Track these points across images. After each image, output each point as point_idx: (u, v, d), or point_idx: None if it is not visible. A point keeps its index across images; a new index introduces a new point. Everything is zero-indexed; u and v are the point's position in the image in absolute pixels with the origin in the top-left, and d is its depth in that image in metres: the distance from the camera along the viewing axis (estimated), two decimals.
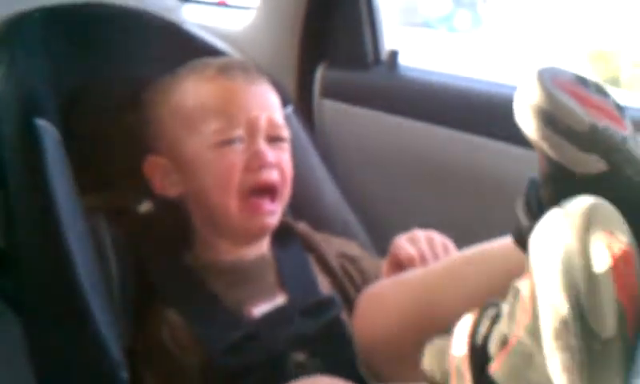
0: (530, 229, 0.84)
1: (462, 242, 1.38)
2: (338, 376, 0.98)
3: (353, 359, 1.05)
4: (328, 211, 1.31)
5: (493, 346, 0.67)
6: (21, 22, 1.07)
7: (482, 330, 0.69)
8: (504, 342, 0.66)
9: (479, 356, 0.68)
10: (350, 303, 1.13)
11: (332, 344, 1.06)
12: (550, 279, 0.60)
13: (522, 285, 0.65)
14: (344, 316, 1.10)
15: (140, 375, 0.99)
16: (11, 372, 1.01)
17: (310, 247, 1.18)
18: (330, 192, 1.34)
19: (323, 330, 1.06)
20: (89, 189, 1.06)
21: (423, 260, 1.08)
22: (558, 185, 0.80)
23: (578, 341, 0.59)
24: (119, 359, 0.95)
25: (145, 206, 1.13)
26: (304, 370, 0.99)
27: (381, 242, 1.28)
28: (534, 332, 0.62)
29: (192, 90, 1.09)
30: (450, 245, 1.12)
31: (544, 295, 0.61)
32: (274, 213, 1.08)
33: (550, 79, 0.77)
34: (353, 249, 1.23)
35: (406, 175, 1.43)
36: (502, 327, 0.67)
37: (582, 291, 0.59)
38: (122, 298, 1.04)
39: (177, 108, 1.09)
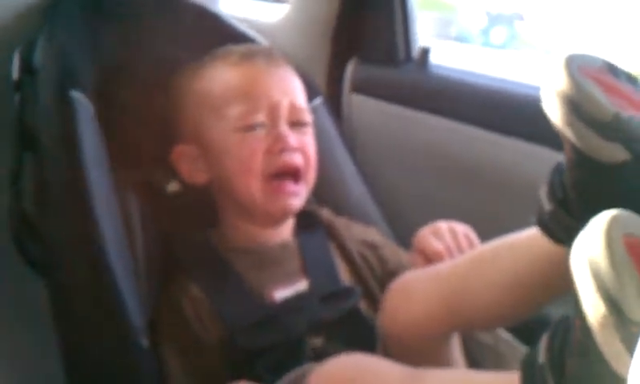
0: (553, 214, 0.85)
1: (483, 238, 1.39)
2: None
3: (370, 346, 1.06)
4: (352, 203, 1.31)
5: (567, 354, 0.70)
6: None
7: (558, 339, 0.72)
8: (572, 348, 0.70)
9: (558, 364, 0.70)
10: (368, 291, 1.15)
11: (350, 331, 1.07)
12: (586, 286, 0.65)
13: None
14: (362, 305, 1.12)
15: (160, 346, 1.01)
16: (36, 336, 1.03)
17: (332, 235, 1.19)
18: (354, 185, 1.35)
19: (341, 318, 1.07)
20: (119, 164, 1.08)
21: (449, 254, 1.09)
22: (581, 171, 0.80)
23: (619, 331, 0.63)
24: (140, 326, 0.97)
25: (173, 186, 1.15)
26: (321, 355, 1.00)
27: (404, 238, 1.29)
28: (587, 331, 0.66)
29: (216, 77, 1.11)
30: (472, 235, 1.12)
31: (585, 300, 0.65)
32: (297, 194, 1.09)
33: (577, 66, 0.77)
34: (373, 235, 1.24)
35: (432, 173, 1.44)
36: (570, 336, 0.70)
37: (611, 288, 0.63)
38: (147, 269, 1.07)
39: (201, 95, 1.10)
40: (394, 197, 1.43)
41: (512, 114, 1.35)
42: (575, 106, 0.75)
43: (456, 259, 1.06)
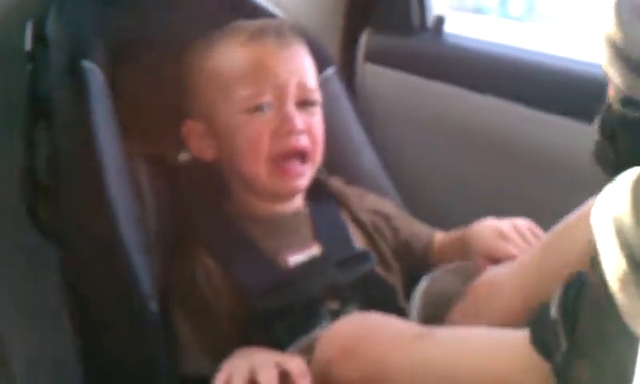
0: (604, 145, 0.86)
1: (496, 211, 1.39)
2: None
3: (388, 308, 1.06)
4: (364, 174, 1.31)
5: (580, 311, 0.69)
6: None
7: (572, 295, 0.71)
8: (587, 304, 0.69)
9: (570, 318, 0.70)
10: (382, 258, 1.15)
11: (367, 293, 1.08)
12: (609, 243, 0.64)
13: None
14: (378, 271, 1.12)
15: (171, 313, 1.02)
16: (47, 301, 1.04)
17: (343, 204, 1.19)
18: (367, 155, 1.35)
19: (358, 281, 1.08)
20: (131, 134, 1.09)
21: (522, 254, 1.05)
22: (623, 113, 0.81)
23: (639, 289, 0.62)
24: (150, 292, 0.98)
25: (184, 156, 1.16)
26: (338, 318, 1.00)
27: (417, 208, 1.29)
28: (604, 288, 0.65)
29: (225, 56, 1.10)
30: (536, 228, 1.11)
31: (606, 257, 0.64)
32: (302, 175, 1.10)
33: (629, 5, 0.77)
34: (386, 206, 1.24)
35: (446, 142, 1.43)
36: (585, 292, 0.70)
37: (635, 247, 0.62)
38: (157, 238, 1.08)
39: (210, 73, 1.10)
40: (408, 167, 1.43)
41: (526, 82, 1.35)
42: (621, 49, 0.76)
43: (528, 252, 1.03)
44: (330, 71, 1.32)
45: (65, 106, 1.01)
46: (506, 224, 1.12)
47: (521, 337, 0.74)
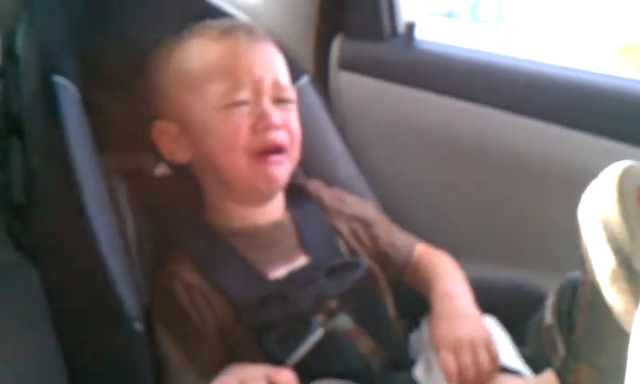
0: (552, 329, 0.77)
1: (470, 216, 1.40)
2: (365, 330, 1.03)
3: (377, 317, 1.07)
4: (342, 183, 1.30)
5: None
6: None
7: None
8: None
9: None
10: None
11: (357, 303, 1.07)
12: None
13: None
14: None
15: (155, 333, 1.00)
16: (29, 321, 1.03)
17: (322, 208, 1.18)
18: (344, 163, 1.35)
19: (349, 290, 1.07)
20: (105, 149, 1.07)
21: (465, 373, 0.96)
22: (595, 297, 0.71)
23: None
24: (134, 312, 0.96)
25: (160, 169, 1.14)
26: (329, 328, 1.02)
27: (393, 214, 1.29)
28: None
29: (195, 53, 1.09)
30: (494, 346, 0.99)
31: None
32: (281, 164, 1.08)
33: (633, 186, 0.66)
34: (367, 211, 1.23)
35: (420, 148, 1.44)
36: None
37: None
38: (138, 255, 1.06)
39: (181, 71, 1.09)
40: (383, 173, 1.43)
41: (498, 86, 1.36)
42: (625, 256, 0.65)
43: None
44: (304, 80, 1.32)
45: (37, 123, 0.99)
46: (466, 336, 0.98)
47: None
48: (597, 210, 0.64)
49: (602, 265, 0.63)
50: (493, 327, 1.05)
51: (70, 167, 0.97)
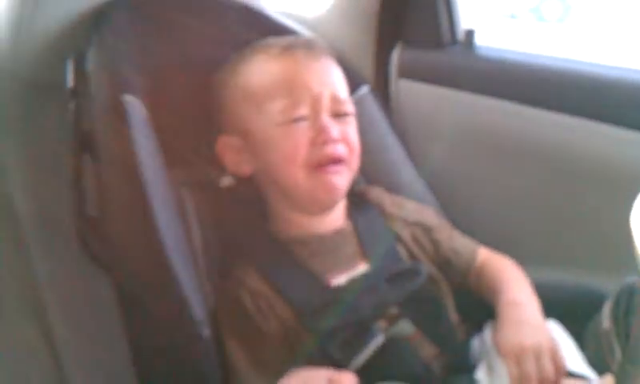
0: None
1: (532, 220, 1.39)
2: (427, 334, 1.05)
3: (438, 324, 1.08)
4: (404, 189, 1.32)
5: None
6: (110, 7, 1.13)
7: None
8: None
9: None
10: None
11: (418, 310, 1.08)
12: None
13: None
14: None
15: (223, 339, 1.04)
16: (105, 330, 1.07)
17: (383, 215, 1.20)
18: (405, 170, 1.36)
19: (409, 296, 1.08)
20: (173, 163, 1.11)
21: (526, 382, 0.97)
22: None
23: None
24: (202, 318, 1.00)
25: (226, 181, 1.18)
26: (390, 334, 1.03)
27: (456, 221, 1.30)
28: None
29: (257, 70, 1.12)
30: (559, 355, 0.99)
31: None
32: (340, 173, 1.10)
33: None
34: (428, 216, 1.24)
35: (483, 154, 1.44)
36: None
37: None
38: (205, 263, 1.10)
39: (243, 89, 1.12)
40: (444, 178, 1.44)
41: (561, 91, 1.35)
42: None
43: None
44: (364, 90, 1.34)
45: (108, 140, 1.03)
46: (530, 341, 1.00)
47: None
48: None
49: None
50: (557, 332, 1.05)
51: (139, 181, 1.00)
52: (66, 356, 1.06)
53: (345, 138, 1.11)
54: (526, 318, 1.06)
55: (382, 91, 1.49)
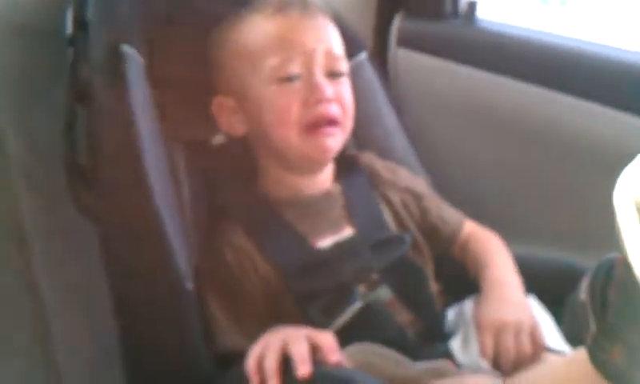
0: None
1: (530, 197, 1.39)
2: (404, 301, 1.05)
3: (420, 292, 1.09)
4: (396, 157, 1.32)
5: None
6: None
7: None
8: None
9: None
10: (412, 238, 1.16)
11: (398, 277, 1.09)
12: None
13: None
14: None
15: (203, 293, 1.04)
16: (87, 279, 1.07)
17: (374, 180, 1.21)
18: (398, 139, 1.36)
19: (391, 264, 1.10)
20: (166, 117, 1.11)
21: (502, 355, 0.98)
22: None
23: None
24: (186, 271, 1.01)
25: (218, 139, 1.19)
26: (369, 300, 1.04)
27: (446, 192, 1.30)
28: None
29: (251, 29, 1.12)
30: (539, 333, 1.00)
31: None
32: (333, 135, 1.10)
33: None
34: (419, 185, 1.25)
35: (477, 127, 1.45)
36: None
37: None
38: (193, 218, 1.10)
39: (238, 47, 1.12)
40: (437, 150, 1.45)
41: (559, 67, 1.35)
42: None
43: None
44: (362, 56, 1.34)
45: (105, 90, 1.02)
46: (511, 318, 1.01)
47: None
48: (631, 195, 0.65)
49: (635, 246, 0.64)
50: (535, 308, 1.07)
51: (134, 133, 1.00)
52: (50, 305, 1.07)
53: (339, 98, 1.11)
54: (509, 296, 1.07)
55: (381, 59, 1.49)
